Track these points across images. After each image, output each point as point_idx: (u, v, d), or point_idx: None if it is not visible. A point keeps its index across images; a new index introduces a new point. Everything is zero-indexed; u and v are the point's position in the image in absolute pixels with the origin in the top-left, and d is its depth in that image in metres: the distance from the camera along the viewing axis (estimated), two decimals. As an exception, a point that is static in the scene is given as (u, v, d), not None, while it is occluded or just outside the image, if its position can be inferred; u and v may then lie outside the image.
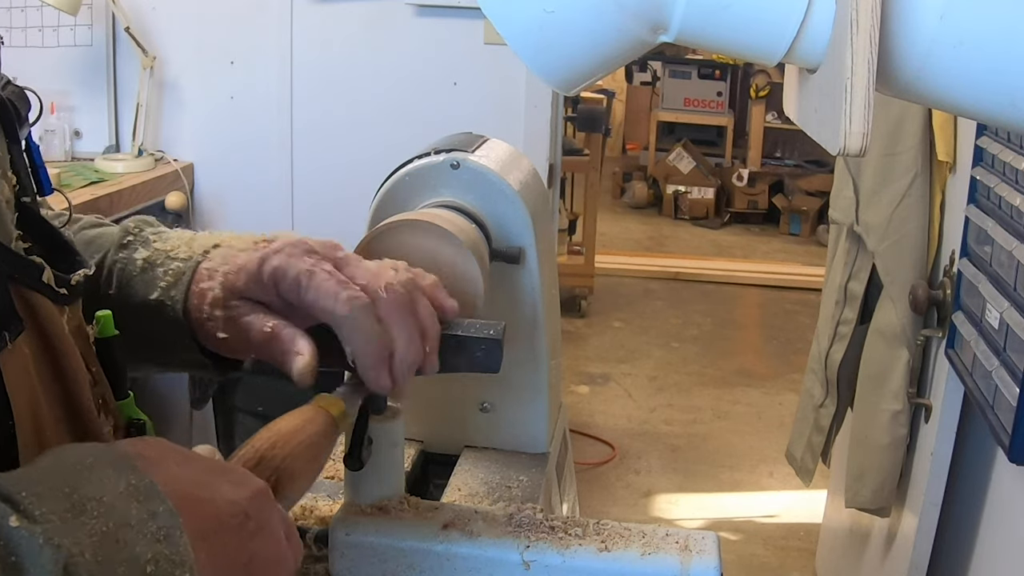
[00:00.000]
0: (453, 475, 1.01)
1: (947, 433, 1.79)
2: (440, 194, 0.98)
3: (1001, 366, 1.47)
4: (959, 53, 0.61)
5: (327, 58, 2.75)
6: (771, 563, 2.88)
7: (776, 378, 4.17)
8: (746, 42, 0.64)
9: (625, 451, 3.52)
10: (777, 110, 6.43)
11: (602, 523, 0.81)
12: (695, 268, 5.52)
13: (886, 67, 0.61)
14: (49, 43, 2.79)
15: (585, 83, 0.70)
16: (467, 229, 0.91)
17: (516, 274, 1.00)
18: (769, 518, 3.12)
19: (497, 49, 2.63)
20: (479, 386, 1.04)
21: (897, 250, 1.90)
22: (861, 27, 0.58)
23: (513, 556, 0.78)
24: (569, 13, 0.64)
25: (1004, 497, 1.63)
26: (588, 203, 4.98)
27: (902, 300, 1.87)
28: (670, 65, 6.87)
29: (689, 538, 0.79)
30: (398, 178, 1.00)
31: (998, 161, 1.56)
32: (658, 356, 4.39)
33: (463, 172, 0.98)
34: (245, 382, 2.16)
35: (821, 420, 2.22)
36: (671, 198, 6.67)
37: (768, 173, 6.63)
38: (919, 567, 1.85)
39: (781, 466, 2.83)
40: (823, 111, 0.64)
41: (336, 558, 0.80)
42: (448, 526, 0.80)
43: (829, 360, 2.17)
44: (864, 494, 1.99)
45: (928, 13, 0.60)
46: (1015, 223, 1.48)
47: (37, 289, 0.63)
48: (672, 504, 3.22)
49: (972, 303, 1.65)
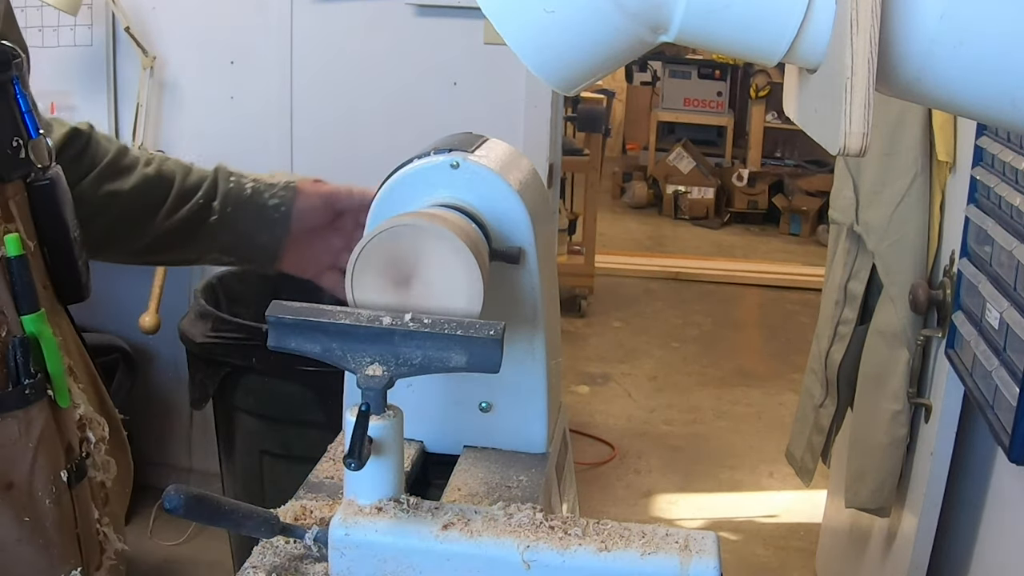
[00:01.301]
0: (453, 475, 1.01)
1: (947, 433, 1.79)
2: (440, 194, 0.98)
3: (1001, 366, 1.47)
4: (959, 53, 0.61)
5: (327, 58, 2.74)
6: (771, 563, 2.88)
7: (776, 378, 4.17)
8: (746, 42, 0.64)
9: (625, 451, 3.52)
10: (777, 110, 6.43)
11: (602, 523, 0.81)
12: (695, 268, 5.52)
13: (886, 67, 0.61)
14: (49, 43, 2.79)
15: (585, 83, 0.70)
16: (467, 229, 0.91)
17: (516, 274, 1.00)
18: (769, 518, 3.12)
19: (497, 49, 2.62)
20: (479, 386, 1.04)
21: (897, 250, 1.90)
22: (861, 27, 0.58)
23: (513, 556, 0.78)
24: (569, 13, 0.64)
25: (1004, 497, 1.63)
26: (588, 203, 4.98)
27: (902, 300, 1.87)
28: (670, 65, 6.87)
29: (689, 538, 0.79)
30: (398, 178, 1.00)
31: (998, 161, 1.56)
32: (658, 356, 4.39)
33: (463, 172, 0.98)
34: (245, 382, 2.16)
35: (821, 420, 2.22)
36: (671, 198, 6.67)
37: (768, 173, 6.63)
38: (919, 567, 1.85)
39: (781, 466, 2.83)
40: (823, 111, 0.64)
41: (336, 558, 0.80)
42: (448, 526, 0.80)
43: (829, 360, 2.17)
44: (864, 494, 1.99)
45: (928, 13, 0.60)
46: (1015, 223, 1.48)
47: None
48: (672, 504, 3.22)
49: (972, 303, 1.65)
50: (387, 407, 0.81)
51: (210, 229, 1.15)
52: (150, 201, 1.12)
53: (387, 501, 0.82)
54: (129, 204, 1.11)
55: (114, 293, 2.74)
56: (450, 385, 1.04)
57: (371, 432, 0.79)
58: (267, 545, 0.87)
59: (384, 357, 0.81)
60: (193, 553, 2.66)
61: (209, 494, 0.81)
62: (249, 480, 2.24)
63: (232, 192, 1.16)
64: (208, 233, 1.15)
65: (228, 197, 1.15)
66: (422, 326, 0.81)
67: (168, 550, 2.65)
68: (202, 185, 1.15)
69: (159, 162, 1.16)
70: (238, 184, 1.17)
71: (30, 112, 0.84)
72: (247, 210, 1.15)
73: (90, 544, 0.86)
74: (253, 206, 1.15)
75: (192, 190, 1.15)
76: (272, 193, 1.16)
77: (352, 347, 0.81)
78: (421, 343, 0.80)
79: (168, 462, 2.90)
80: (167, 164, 1.16)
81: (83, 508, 0.85)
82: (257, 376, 2.12)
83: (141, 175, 1.12)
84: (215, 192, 1.16)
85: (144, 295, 2.56)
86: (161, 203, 1.13)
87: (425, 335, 0.80)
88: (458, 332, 0.80)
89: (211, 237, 1.15)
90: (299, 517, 0.90)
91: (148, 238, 1.14)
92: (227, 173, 1.18)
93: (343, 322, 0.81)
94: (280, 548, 0.87)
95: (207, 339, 2.14)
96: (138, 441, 2.67)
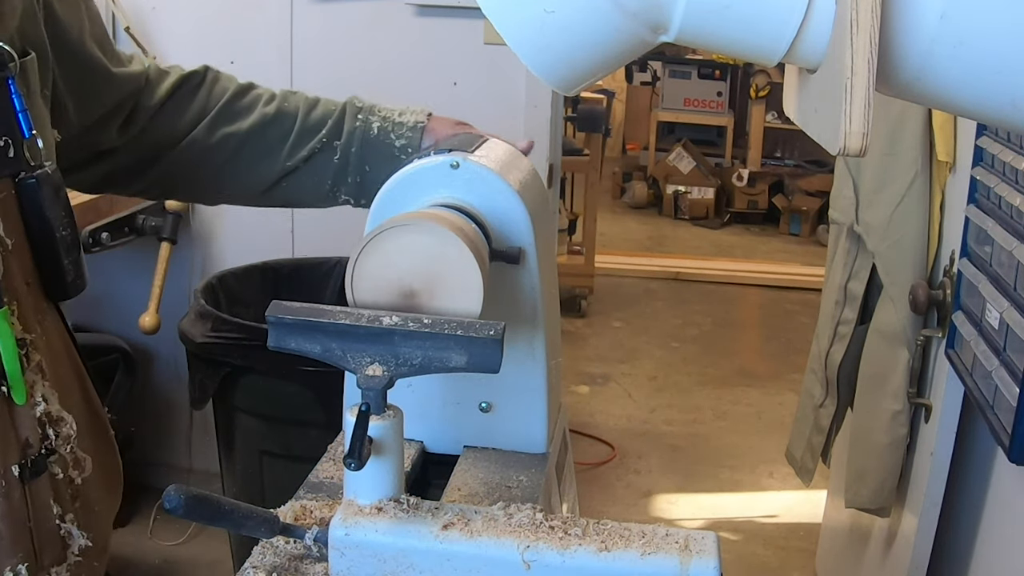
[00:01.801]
0: (453, 475, 1.01)
1: (947, 433, 1.79)
2: (440, 194, 0.98)
3: (1001, 366, 1.47)
4: (959, 53, 0.61)
5: (327, 58, 2.74)
6: (771, 563, 2.88)
7: (776, 378, 4.17)
8: (746, 42, 0.64)
9: (625, 451, 3.52)
10: (777, 110, 6.43)
11: (602, 523, 0.81)
12: (695, 268, 5.52)
13: (886, 67, 0.61)
14: (49, 43, 2.79)
15: (585, 83, 0.70)
16: (467, 229, 0.91)
17: (516, 274, 1.00)
18: (769, 518, 3.12)
19: (497, 49, 2.62)
20: (479, 386, 1.04)
21: (897, 250, 1.90)
22: (861, 27, 0.58)
23: (513, 556, 0.78)
24: (569, 13, 0.64)
25: (1004, 497, 1.63)
26: (588, 203, 4.98)
27: (902, 300, 1.87)
28: (670, 65, 6.87)
29: (689, 538, 0.79)
30: (398, 178, 1.00)
31: (998, 161, 1.56)
32: (658, 356, 4.39)
33: (463, 172, 0.98)
34: (245, 382, 2.16)
35: (821, 420, 2.22)
36: (671, 198, 6.66)
37: (768, 173, 6.63)
38: (919, 567, 1.85)
39: (781, 466, 2.83)
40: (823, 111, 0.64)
41: (336, 558, 0.80)
42: (448, 526, 0.80)
43: (829, 360, 2.17)
44: (864, 494, 1.99)
45: (928, 13, 0.60)
46: (1015, 223, 1.48)
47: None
48: (672, 504, 3.22)
49: (972, 303, 1.65)
50: (387, 407, 0.81)
51: (335, 170, 1.12)
52: (268, 142, 1.11)
53: (387, 501, 0.82)
54: (246, 145, 1.10)
55: (114, 293, 2.75)
56: (450, 385, 1.05)
57: (371, 432, 0.79)
58: (267, 545, 0.87)
59: (384, 357, 0.81)
60: (193, 553, 2.66)
61: (209, 494, 0.81)
62: (249, 480, 2.24)
63: (357, 132, 1.13)
64: (333, 174, 1.12)
65: (353, 137, 1.12)
66: (422, 326, 0.81)
67: (168, 550, 2.65)
68: (326, 124, 1.13)
69: (281, 99, 1.14)
70: (365, 123, 1.13)
71: (25, 112, 0.85)
72: (373, 152, 1.12)
73: (45, 539, 0.86)
74: (380, 147, 1.12)
75: (314, 129, 1.12)
76: (400, 133, 1.13)
77: (352, 347, 0.81)
78: (421, 343, 0.80)
79: (168, 462, 2.90)
80: (290, 101, 1.14)
81: (39, 503, 0.86)
82: (257, 376, 2.12)
83: (259, 115, 1.11)
84: (339, 131, 1.12)
85: (144, 295, 2.56)
86: (280, 144, 1.11)
87: (425, 335, 0.80)
88: (458, 332, 0.80)
89: (336, 179, 1.13)
90: (299, 517, 0.90)
91: (269, 179, 1.12)
92: (355, 110, 1.14)
93: (343, 322, 0.81)
94: (280, 548, 0.87)
95: (207, 339, 2.14)
96: (138, 441, 2.69)
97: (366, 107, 1.16)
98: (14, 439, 0.83)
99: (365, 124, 1.13)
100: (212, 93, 1.13)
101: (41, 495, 0.86)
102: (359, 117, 1.14)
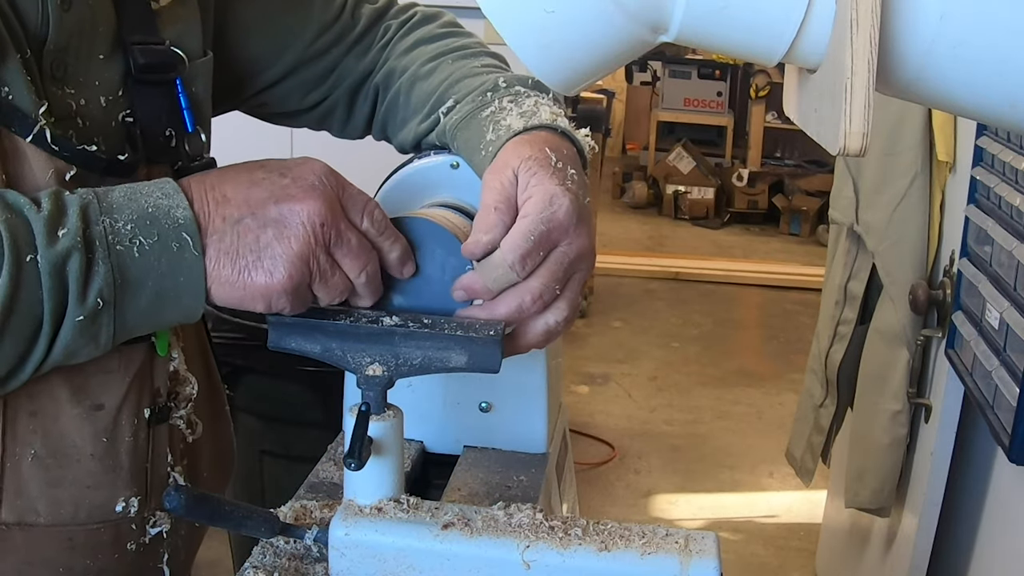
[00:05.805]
0: (453, 475, 1.01)
1: (947, 433, 1.79)
2: (440, 194, 0.98)
3: (1001, 366, 1.47)
4: (959, 53, 0.61)
5: (327, 58, 2.74)
6: (771, 563, 2.88)
7: (776, 378, 4.17)
8: (746, 42, 0.65)
9: (625, 451, 3.52)
10: (777, 110, 6.43)
11: (602, 523, 0.81)
12: (695, 268, 5.52)
13: (886, 67, 0.61)
14: (49, 43, 2.79)
15: (585, 83, 0.70)
16: (467, 229, 0.91)
17: (516, 274, 1.00)
18: (769, 518, 3.12)
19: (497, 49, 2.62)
20: (479, 386, 1.04)
21: (897, 250, 1.90)
22: (861, 27, 0.58)
23: (513, 556, 0.78)
24: (569, 13, 0.64)
25: (1004, 497, 1.63)
26: (588, 203, 4.97)
27: (902, 300, 1.87)
28: (670, 65, 6.87)
29: (689, 538, 0.79)
30: (398, 178, 1.00)
31: (998, 161, 1.56)
32: (658, 356, 4.39)
33: (463, 172, 0.98)
34: (245, 382, 2.16)
35: (821, 420, 2.23)
36: (671, 198, 6.66)
37: (768, 173, 6.63)
38: (919, 567, 1.85)
39: (781, 466, 2.83)
40: (823, 111, 0.64)
41: (336, 558, 0.80)
42: (448, 526, 0.80)
43: (829, 360, 2.17)
44: (864, 494, 1.99)
45: (928, 13, 0.60)
46: (1015, 223, 1.48)
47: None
48: (672, 504, 3.22)
49: (972, 303, 1.65)
50: (387, 407, 0.81)
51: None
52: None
53: (387, 501, 0.82)
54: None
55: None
56: (450, 385, 1.04)
57: (371, 432, 0.79)
58: (267, 545, 0.87)
59: (384, 357, 0.81)
60: (193, 553, 2.66)
61: (209, 494, 0.81)
62: (249, 480, 2.24)
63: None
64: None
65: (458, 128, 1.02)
66: (422, 326, 0.81)
67: (168, 550, 2.65)
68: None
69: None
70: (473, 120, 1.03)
71: (190, 109, 0.92)
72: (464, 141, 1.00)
73: (156, 483, 0.92)
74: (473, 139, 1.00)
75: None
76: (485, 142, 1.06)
77: (352, 347, 0.81)
78: (421, 343, 0.80)
79: (168, 462, 2.90)
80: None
81: (157, 448, 0.92)
82: (257, 376, 2.12)
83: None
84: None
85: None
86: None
87: (425, 335, 0.80)
88: (458, 332, 0.80)
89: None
90: (299, 517, 0.90)
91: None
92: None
93: (343, 322, 0.81)
94: (280, 548, 0.87)
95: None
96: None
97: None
98: (149, 386, 0.89)
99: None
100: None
101: (160, 441, 0.92)
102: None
